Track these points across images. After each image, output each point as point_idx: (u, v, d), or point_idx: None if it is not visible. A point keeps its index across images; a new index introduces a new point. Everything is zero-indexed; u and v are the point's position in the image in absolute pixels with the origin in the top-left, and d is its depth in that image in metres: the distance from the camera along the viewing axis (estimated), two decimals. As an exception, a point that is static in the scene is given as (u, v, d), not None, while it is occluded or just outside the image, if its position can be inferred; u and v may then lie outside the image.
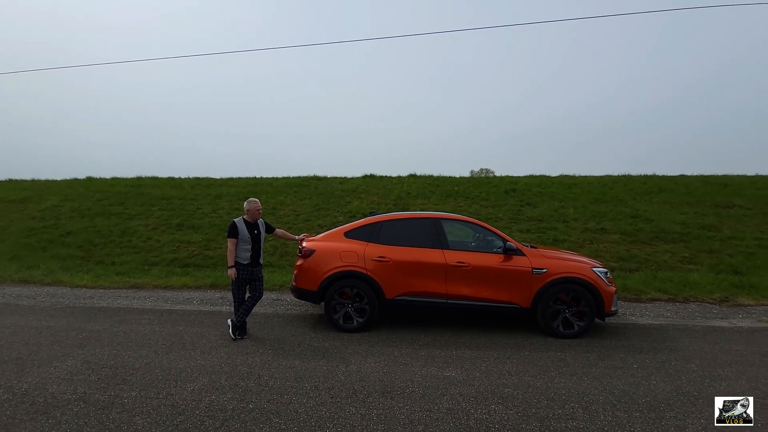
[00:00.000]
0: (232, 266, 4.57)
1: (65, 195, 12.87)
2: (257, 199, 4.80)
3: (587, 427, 2.85)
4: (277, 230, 5.12)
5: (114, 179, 14.82)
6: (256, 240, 4.67)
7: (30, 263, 8.93)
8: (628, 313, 5.81)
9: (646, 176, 13.26)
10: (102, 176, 15.31)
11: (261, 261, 4.80)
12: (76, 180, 14.97)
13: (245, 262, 4.62)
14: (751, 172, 13.33)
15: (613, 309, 4.78)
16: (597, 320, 5.01)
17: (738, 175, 13.06)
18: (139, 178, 14.73)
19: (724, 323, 5.37)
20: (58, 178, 15.32)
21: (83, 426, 2.81)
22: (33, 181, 15.28)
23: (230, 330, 4.61)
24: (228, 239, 4.58)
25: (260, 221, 4.83)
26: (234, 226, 4.58)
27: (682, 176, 13.03)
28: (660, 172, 13.52)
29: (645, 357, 4.17)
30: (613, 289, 4.82)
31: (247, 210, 4.68)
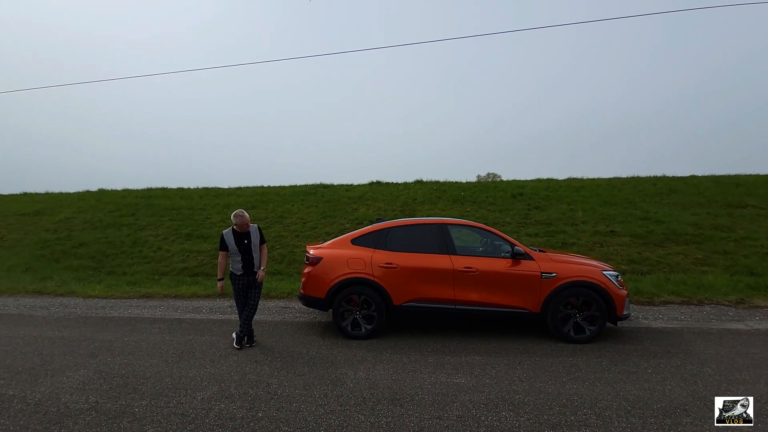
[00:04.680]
0: (220, 279, 4.63)
1: (78, 207, 13.12)
2: (244, 212, 4.52)
3: (601, 434, 2.79)
4: (263, 247, 4.73)
5: (125, 191, 15.07)
6: (245, 250, 4.50)
7: (44, 274, 9.09)
8: (640, 316, 5.70)
9: (655, 177, 13.09)
10: (113, 188, 15.61)
11: (256, 269, 4.59)
12: (88, 192, 15.26)
13: (239, 273, 4.54)
14: (763, 171, 13.11)
15: (625, 313, 4.70)
16: (609, 324, 4.93)
17: (750, 175, 12.83)
18: (149, 190, 14.97)
19: (740, 326, 5.24)
20: (71, 191, 15.63)
21: (95, 435, 2.83)
22: (47, 194, 15.61)
23: (234, 342, 4.62)
24: (219, 252, 4.63)
25: (254, 230, 4.60)
26: (221, 239, 4.53)
27: (693, 177, 12.85)
28: (670, 173, 13.36)
29: (659, 361, 4.08)
30: (625, 292, 4.75)
31: (236, 223, 4.48)
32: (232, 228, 4.55)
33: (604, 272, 4.76)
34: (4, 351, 4.60)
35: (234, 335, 4.70)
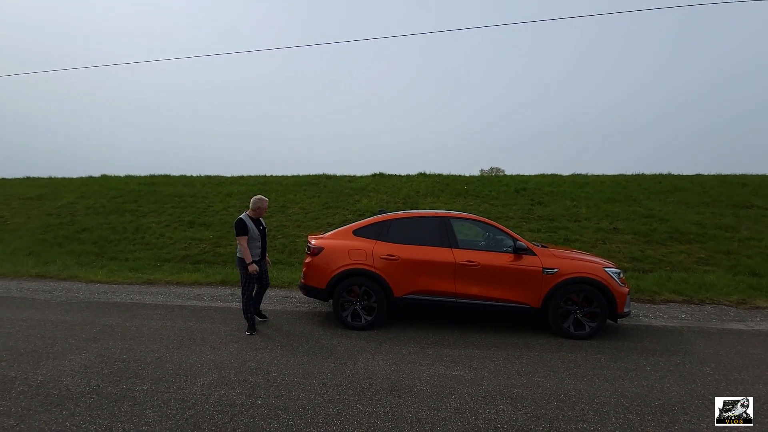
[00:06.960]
0: (251, 262, 4.48)
1: (81, 192, 13.14)
2: (266, 198, 4.78)
3: (598, 430, 2.80)
4: None
5: (128, 177, 15.07)
6: (263, 235, 4.70)
7: (46, 258, 9.15)
8: (641, 314, 5.70)
9: (660, 175, 12.99)
10: (116, 174, 15.61)
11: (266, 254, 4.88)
12: (91, 178, 15.27)
13: (255, 259, 4.63)
14: (770, 172, 12.98)
15: (625, 310, 4.69)
16: (609, 321, 4.93)
17: (757, 175, 12.71)
18: (152, 176, 14.96)
19: (740, 326, 5.23)
20: (74, 176, 15.65)
21: (96, 418, 2.86)
22: (50, 178, 15.63)
23: (254, 324, 4.71)
24: (239, 237, 4.51)
25: (261, 218, 4.86)
26: (243, 223, 4.52)
27: (699, 175, 12.74)
28: (675, 171, 13.26)
29: (658, 359, 4.08)
30: (626, 290, 4.73)
31: (256, 208, 4.64)
32: (247, 214, 4.64)
33: (606, 269, 4.75)
34: (7, 333, 4.64)
35: (248, 319, 4.73)
